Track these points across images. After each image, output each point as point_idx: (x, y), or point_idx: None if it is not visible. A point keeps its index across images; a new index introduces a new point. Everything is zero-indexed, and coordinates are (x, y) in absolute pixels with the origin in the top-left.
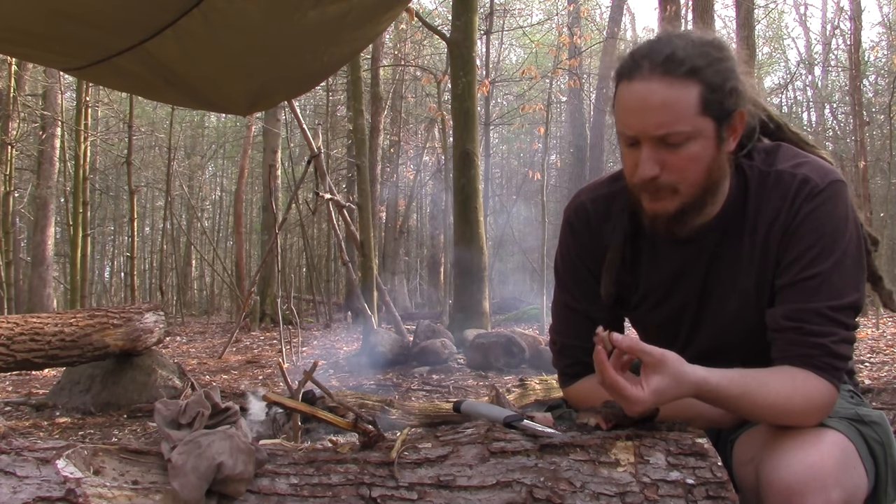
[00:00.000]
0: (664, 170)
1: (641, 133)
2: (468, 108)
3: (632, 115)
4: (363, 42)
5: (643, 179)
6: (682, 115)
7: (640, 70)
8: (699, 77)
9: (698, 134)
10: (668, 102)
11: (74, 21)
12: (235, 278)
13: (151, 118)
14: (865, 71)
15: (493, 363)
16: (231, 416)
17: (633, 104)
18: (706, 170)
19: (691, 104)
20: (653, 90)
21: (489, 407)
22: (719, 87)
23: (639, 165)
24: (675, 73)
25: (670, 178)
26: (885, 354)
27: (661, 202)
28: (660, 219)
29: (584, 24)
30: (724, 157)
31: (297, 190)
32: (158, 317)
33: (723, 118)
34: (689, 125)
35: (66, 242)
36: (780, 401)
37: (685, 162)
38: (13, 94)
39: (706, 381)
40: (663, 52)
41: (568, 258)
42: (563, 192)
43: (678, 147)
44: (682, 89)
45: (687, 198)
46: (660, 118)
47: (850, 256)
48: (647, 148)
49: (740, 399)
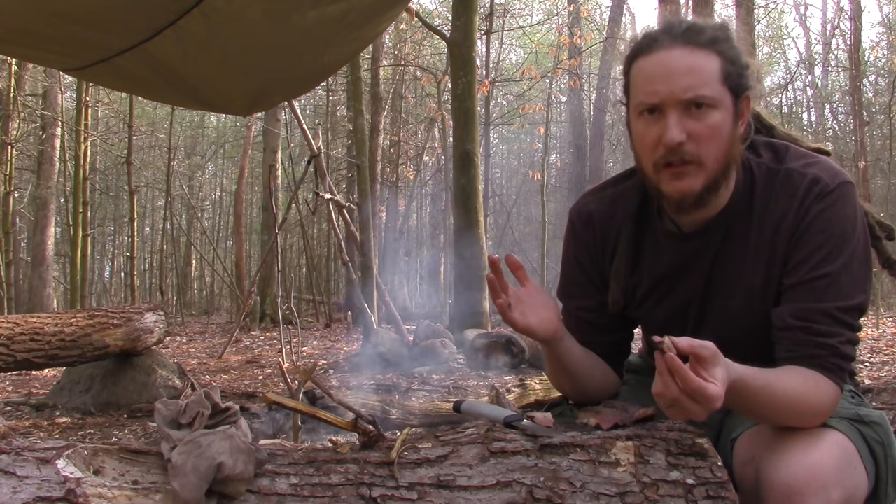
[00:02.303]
0: (689, 139)
1: (668, 97)
2: (468, 108)
3: (657, 82)
4: (363, 42)
5: (670, 145)
6: (707, 80)
7: (660, 42)
8: (719, 48)
9: (721, 103)
10: (695, 67)
11: (74, 21)
12: (235, 278)
13: (151, 118)
14: (865, 71)
15: (493, 363)
16: (231, 416)
17: (658, 71)
18: (727, 144)
19: (714, 72)
20: (678, 56)
21: (489, 407)
22: (736, 61)
23: (664, 133)
24: (697, 41)
25: (695, 149)
26: (885, 354)
27: (686, 179)
28: (686, 200)
29: (584, 24)
30: (738, 139)
31: (297, 190)
32: (158, 317)
33: (739, 94)
34: (714, 91)
35: (66, 242)
36: (797, 398)
37: (710, 131)
38: (13, 94)
39: (738, 371)
40: (682, 26)
41: (572, 259)
42: (563, 192)
43: (704, 114)
44: (706, 57)
45: (711, 173)
46: (688, 81)
47: (858, 258)
48: (674, 114)
49: (760, 392)
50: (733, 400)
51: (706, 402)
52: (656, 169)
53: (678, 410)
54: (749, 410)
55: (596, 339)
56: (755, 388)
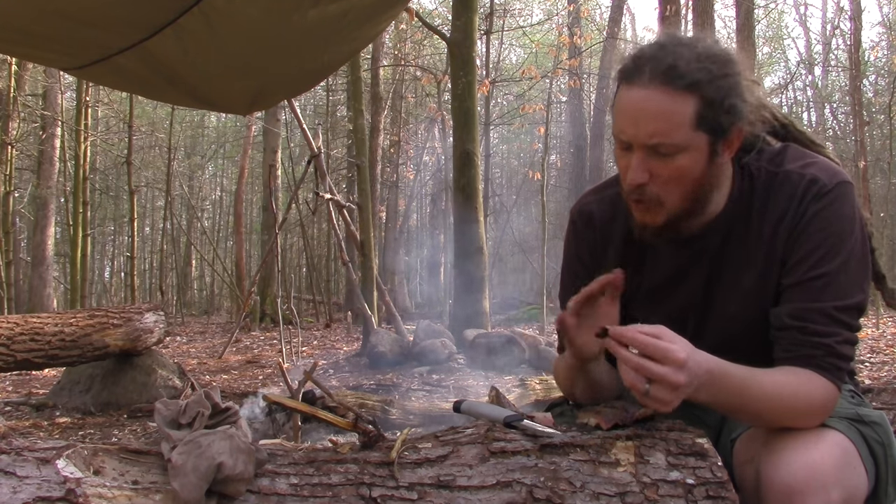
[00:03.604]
0: (652, 179)
1: (634, 139)
2: (468, 108)
3: (627, 121)
4: (363, 42)
5: (631, 186)
6: (675, 127)
7: (642, 76)
8: (698, 92)
9: (690, 147)
10: (664, 113)
11: (74, 20)
12: (235, 278)
13: (151, 118)
14: (865, 71)
15: (493, 363)
16: (231, 416)
17: (630, 110)
18: (693, 183)
19: (686, 117)
20: (650, 98)
21: (489, 407)
22: (718, 104)
23: (629, 171)
24: (675, 84)
25: (656, 190)
26: (885, 354)
27: (648, 213)
28: (647, 230)
29: (584, 24)
30: (718, 169)
31: (297, 190)
32: (158, 317)
33: (718, 133)
34: (681, 138)
35: (66, 242)
36: (787, 395)
37: (673, 173)
38: (13, 94)
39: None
40: (666, 62)
41: (572, 258)
42: (563, 192)
43: (668, 158)
44: (680, 102)
45: (672, 210)
46: (653, 127)
47: (856, 257)
48: (638, 155)
49: (746, 384)
50: (717, 391)
51: (669, 359)
52: (626, 195)
53: (657, 388)
54: (740, 408)
55: None
56: (737, 375)
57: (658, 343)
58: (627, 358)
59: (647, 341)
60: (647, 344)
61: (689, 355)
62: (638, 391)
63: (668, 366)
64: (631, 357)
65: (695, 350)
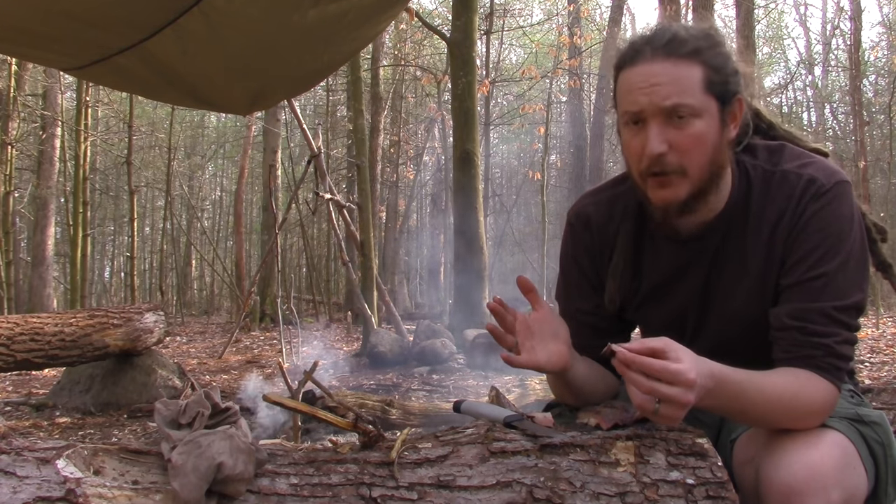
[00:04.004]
0: (671, 149)
1: (649, 107)
2: (468, 108)
3: (639, 92)
4: (363, 41)
5: (651, 156)
6: (688, 90)
7: (643, 54)
8: (701, 58)
9: (704, 111)
10: (676, 78)
11: (74, 20)
12: (235, 278)
13: (151, 118)
14: (865, 71)
15: (493, 363)
16: (231, 416)
17: (640, 82)
18: (711, 152)
19: (696, 81)
20: (658, 68)
21: (489, 407)
22: (721, 69)
23: (646, 144)
24: (679, 52)
25: (677, 159)
26: (885, 354)
27: (670, 188)
28: (671, 208)
29: (584, 24)
30: (726, 144)
31: (297, 190)
32: (158, 317)
33: (725, 100)
34: (696, 100)
35: (66, 242)
36: (787, 396)
37: (691, 140)
38: (13, 94)
39: (717, 365)
40: (665, 36)
41: (570, 261)
42: (563, 192)
43: (685, 123)
44: (687, 68)
45: (695, 182)
46: (668, 90)
47: (855, 257)
48: (655, 125)
49: (745, 387)
50: (719, 397)
51: (679, 381)
52: (642, 178)
53: (666, 407)
54: (741, 412)
55: (594, 342)
56: (738, 380)
57: (668, 367)
58: (639, 383)
59: (657, 366)
60: (656, 369)
61: (697, 373)
62: (647, 411)
63: (679, 387)
64: (642, 382)
65: (698, 360)
